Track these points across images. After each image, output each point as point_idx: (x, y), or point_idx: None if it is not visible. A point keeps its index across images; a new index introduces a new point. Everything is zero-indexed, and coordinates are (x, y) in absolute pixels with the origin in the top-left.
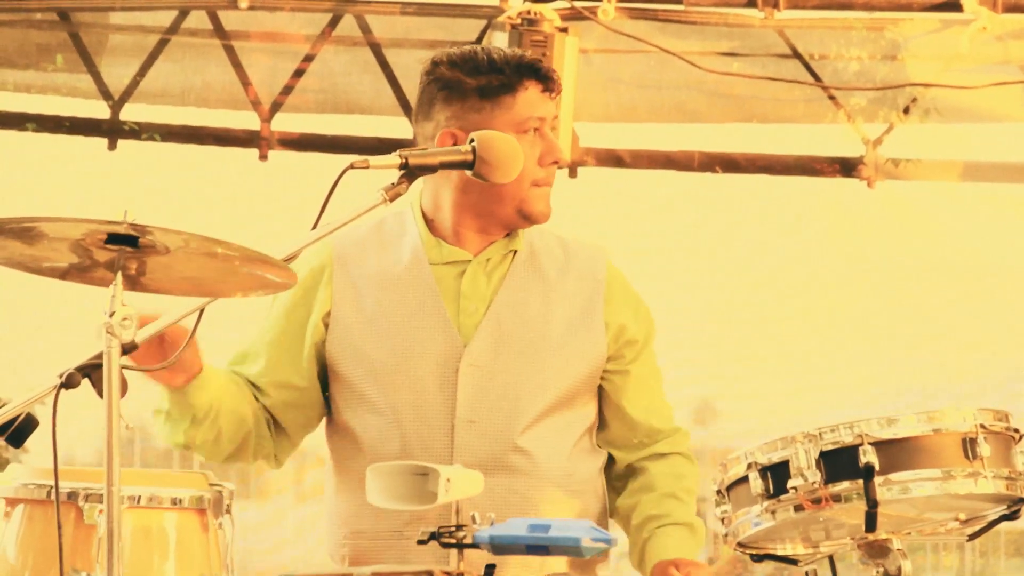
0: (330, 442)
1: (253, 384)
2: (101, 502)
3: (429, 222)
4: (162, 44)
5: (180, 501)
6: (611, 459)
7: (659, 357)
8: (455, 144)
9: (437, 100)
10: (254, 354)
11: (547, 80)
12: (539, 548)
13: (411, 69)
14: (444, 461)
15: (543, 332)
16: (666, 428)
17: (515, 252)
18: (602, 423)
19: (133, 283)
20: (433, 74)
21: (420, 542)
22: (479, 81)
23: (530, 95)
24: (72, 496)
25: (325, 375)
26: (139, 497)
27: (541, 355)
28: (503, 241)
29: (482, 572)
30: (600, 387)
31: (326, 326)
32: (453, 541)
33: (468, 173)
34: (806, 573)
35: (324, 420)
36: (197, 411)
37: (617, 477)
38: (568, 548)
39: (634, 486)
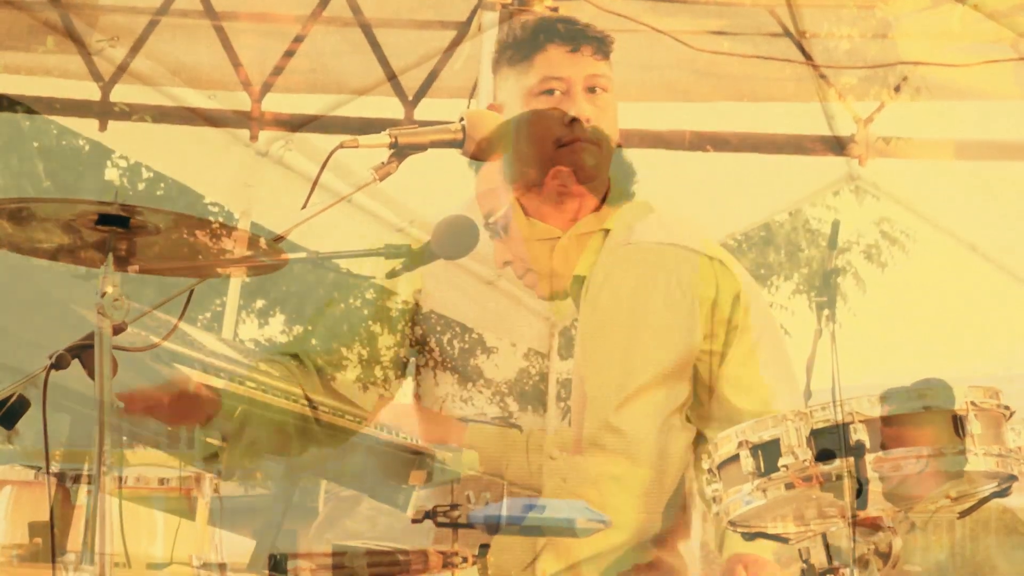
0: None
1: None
2: (88, 483)
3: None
4: (152, 25)
5: (167, 481)
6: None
7: None
8: None
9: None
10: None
11: (572, 39)
12: (533, 528)
13: (401, 48)
14: (538, 439)
15: (637, 312)
16: (755, 409)
17: (607, 231)
18: (695, 400)
19: (123, 263)
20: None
21: (415, 521)
22: (507, 52)
23: (549, 56)
24: (60, 477)
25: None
26: (126, 477)
27: (635, 335)
28: (593, 216)
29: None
30: (695, 366)
31: (417, 304)
32: (448, 520)
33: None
34: (799, 551)
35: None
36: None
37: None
38: (562, 528)
39: None
